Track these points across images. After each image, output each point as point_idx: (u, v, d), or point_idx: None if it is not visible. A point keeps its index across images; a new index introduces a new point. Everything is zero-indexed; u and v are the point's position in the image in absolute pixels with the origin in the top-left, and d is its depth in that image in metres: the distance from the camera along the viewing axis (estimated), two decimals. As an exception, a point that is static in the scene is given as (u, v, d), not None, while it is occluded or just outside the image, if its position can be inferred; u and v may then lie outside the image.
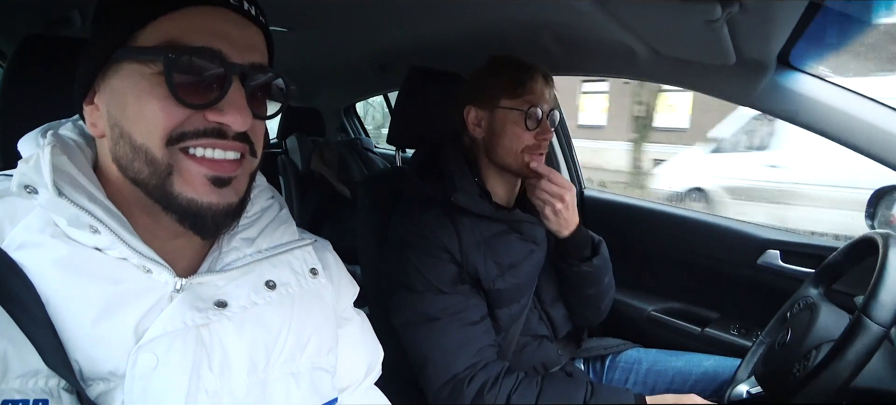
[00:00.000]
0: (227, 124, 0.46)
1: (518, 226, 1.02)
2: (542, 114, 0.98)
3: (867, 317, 0.62)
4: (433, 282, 0.94)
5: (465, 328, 0.93)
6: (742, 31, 0.80)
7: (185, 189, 0.46)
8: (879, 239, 0.71)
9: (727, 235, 1.33)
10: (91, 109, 0.49)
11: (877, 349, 0.61)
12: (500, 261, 0.98)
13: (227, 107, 0.46)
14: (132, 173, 0.46)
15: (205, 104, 0.45)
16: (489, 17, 1.14)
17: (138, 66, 0.45)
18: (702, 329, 1.31)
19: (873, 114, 0.92)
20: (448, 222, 0.96)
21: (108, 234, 0.45)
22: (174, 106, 0.44)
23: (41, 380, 0.40)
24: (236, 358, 0.49)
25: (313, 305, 0.58)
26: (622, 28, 0.95)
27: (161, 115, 0.44)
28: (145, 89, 0.44)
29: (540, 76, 1.00)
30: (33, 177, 0.45)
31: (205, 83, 0.45)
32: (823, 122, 0.95)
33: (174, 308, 0.46)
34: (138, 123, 0.45)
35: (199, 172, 0.46)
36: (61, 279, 0.43)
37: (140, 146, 0.45)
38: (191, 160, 0.46)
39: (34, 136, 0.49)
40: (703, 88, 1.13)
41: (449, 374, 0.91)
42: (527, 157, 0.99)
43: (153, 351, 0.45)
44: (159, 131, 0.44)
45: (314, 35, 1.53)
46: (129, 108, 0.45)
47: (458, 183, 0.99)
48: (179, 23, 0.45)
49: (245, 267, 0.53)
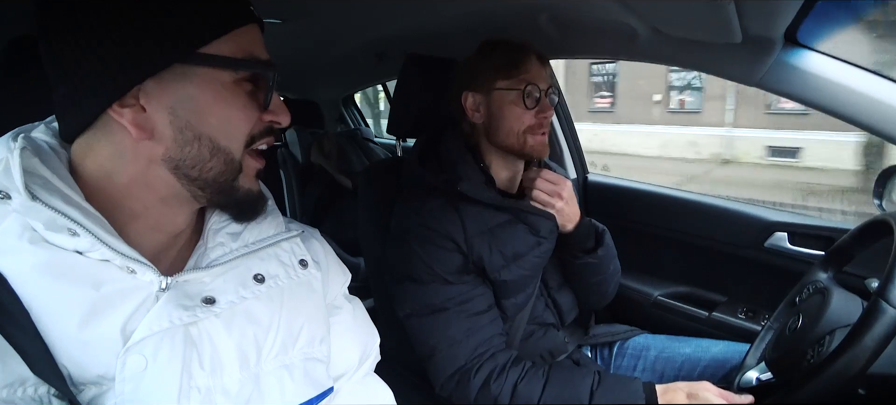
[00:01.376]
0: (278, 122, 0.53)
1: (524, 218, 1.01)
2: (541, 92, 0.97)
3: (885, 301, 0.61)
4: (438, 272, 0.93)
5: (471, 318, 0.93)
6: (748, 7, 0.77)
7: (245, 182, 0.52)
8: (893, 221, 0.69)
9: (733, 218, 1.31)
10: (133, 111, 0.46)
11: (894, 334, 0.60)
12: (504, 252, 0.97)
13: (277, 108, 0.53)
14: (198, 172, 0.49)
15: (262, 107, 0.52)
16: (485, 2, 1.12)
17: (216, 73, 0.48)
18: (709, 313, 1.30)
19: (883, 91, 0.89)
20: (452, 211, 0.95)
21: (88, 237, 0.44)
22: (252, 111, 0.51)
23: (29, 388, 0.40)
24: (227, 354, 0.50)
25: (304, 296, 0.58)
26: (622, 8, 0.92)
27: (244, 122, 0.51)
28: (230, 97, 0.49)
29: (534, 55, 0.99)
30: (4, 181, 0.44)
31: (262, 89, 0.51)
32: (833, 101, 0.93)
33: (160, 307, 0.46)
34: (223, 128, 0.49)
35: (254, 167, 0.53)
36: (43, 285, 0.43)
37: (223, 148, 0.49)
38: (252, 158, 0.53)
39: (5, 140, 0.48)
40: (708, 68, 1.10)
41: (456, 365, 0.91)
42: (529, 138, 0.98)
43: (141, 352, 0.45)
44: (242, 135, 0.51)
45: (308, 26, 1.51)
46: (211, 113, 0.48)
47: (461, 171, 0.98)
48: (247, 37, 0.50)
49: (231, 261, 0.53)
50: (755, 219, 1.26)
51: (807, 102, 0.97)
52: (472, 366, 0.91)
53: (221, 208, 0.54)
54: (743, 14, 0.80)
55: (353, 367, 0.67)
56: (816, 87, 0.94)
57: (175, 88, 0.47)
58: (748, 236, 1.26)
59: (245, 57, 0.49)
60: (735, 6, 0.74)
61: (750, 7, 0.77)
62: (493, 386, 0.89)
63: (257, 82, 0.51)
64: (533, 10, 1.10)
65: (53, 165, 0.46)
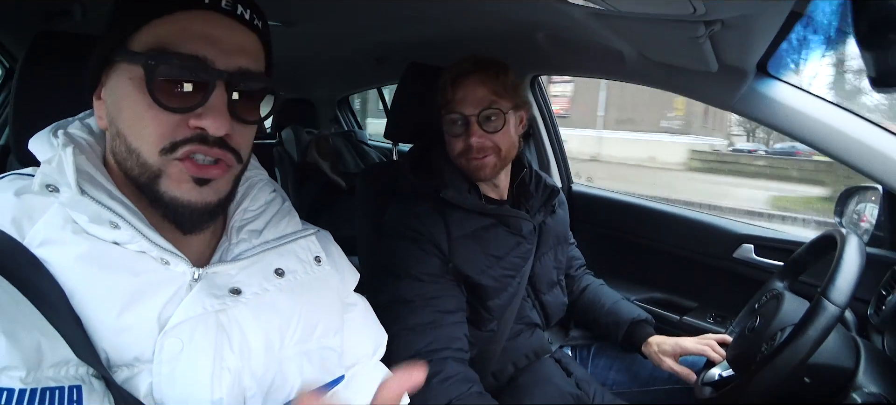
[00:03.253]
0: (204, 128, 0.47)
1: (505, 221, 1.06)
2: (464, 118, 0.99)
3: (826, 299, 0.70)
4: (413, 270, 0.96)
5: (435, 313, 0.94)
6: (723, 43, 0.85)
7: (170, 188, 0.48)
8: (837, 235, 0.79)
9: (706, 230, 1.41)
10: (99, 104, 0.52)
11: (833, 327, 0.69)
12: (487, 253, 1.02)
13: (207, 112, 0.47)
14: (125, 169, 0.50)
15: (185, 109, 0.47)
16: (485, 16, 1.18)
17: (129, 68, 0.47)
18: (680, 317, 1.39)
19: (843, 121, 0.98)
20: (438, 216, 1.00)
21: (128, 229, 0.47)
22: (159, 111, 0.46)
23: (72, 368, 0.42)
24: (254, 339, 0.52)
25: (320, 291, 0.61)
26: (613, 34, 1.00)
27: (152, 123, 0.47)
28: (134, 92, 0.47)
29: (463, 80, 1.00)
30: (56, 176, 0.47)
31: (186, 89, 0.47)
32: (798, 128, 1.02)
33: (194, 295, 0.49)
34: (132, 127, 0.48)
35: (184, 172, 0.48)
36: (85, 273, 0.45)
37: (134, 149, 0.48)
38: (178, 162, 0.48)
39: (46, 135, 0.50)
40: (687, 92, 1.19)
41: (410, 352, 0.90)
42: (465, 162, 1.02)
43: (178, 336, 0.47)
44: (153, 139, 0.47)
45: (309, 29, 1.53)
46: (123, 109, 0.48)
47: (447, 178, 1.03)
48: (169, 27, 0.47)
49: (254, 256, 0.56)
50: (725, 231, 1.36)
51: (775, 128, 1.06)
52: (423, 359, 0.88)
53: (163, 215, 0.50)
54: (717, 46, 0.88)
55: (368, 357, 0.71)
56: (783, 114, 1.03)
57: (110, 82, 0.49)
58: (719, 247, 1.36)
59: (157, 48, 0.46)
60: (711, 41, 0.83)
61: (725, 42, 0.85)
62: (432, 386, 0.88)
63: (183, 80, 0.46)
64: (531, 28, 1.17)
65: (94, 161, 0.50)
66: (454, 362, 0.92)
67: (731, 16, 0.70)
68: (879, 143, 0.96)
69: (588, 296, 1.26)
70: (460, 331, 0.97)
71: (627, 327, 1.14)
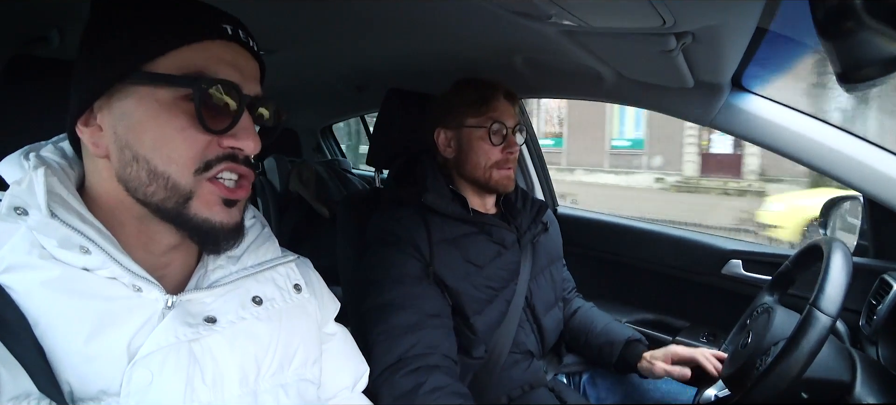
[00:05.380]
0: (240, 149, 0.50)
1: (487, 230, 1.05)
2: (507, 129, 1.04)
3: (817, 309, 0.69)
4: (393, 273, 0.94)
5: (419, 315, 0.90)
6: (697, 57, 0.86)
7: (201, 210, 0.49)
8: (823, 244, 0.78)
9: (693, 247, 1.40)
10: (92, 130, 0.49)
11: (827, 337, 0.67)
12: (468, 261, 1.00)
13: (240, 133, 0.49)
14: (142, 195, 0.48)
15: (221, 130, 0.48)
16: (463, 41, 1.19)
17: (156, 92, 0.46)
18: (673, 337, 1.37)
19: (821, 132, 1.00)
20: (419, 220, 0.99)
21: (100, 254, 0.45)
22: (196, 133, 0.47)
23: (33, 401, 0.40)
24: (228, 370, 0.51)
25: (298, 319, 0.60)
26: (589, 54, 1.00)
27: (183, 145, 0.47)
28: (161, 114, 0.47)
29: (502, 93, 1.06)
30: (26, 198, 0.45)
31: (222, 112, 0.48)
32: (776, 140, 1.03)
33: (167, 324, 0.48)
34: (159, 150, 0.47)
35: (216, 194, 0.49)
36: (51, 300, 0.44)
37: (161, 172, 0.47)
38: (211, 184, 0.49)
39: (16, 158, 0.49)
40: (666, 109, 1.20)
41: (393, 357, 0.86)
42: (495, 172, 1.04)
43: (148, 366, 0.46)
44: (185, 160, 0.47)
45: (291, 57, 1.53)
46: (146, 133, 0.47)
47: (430, 185, 1.03)
48: (200, 54, 0.48)
49: (231, 283, 0.55)
50: (713, 248, 1.35)
51: (754, 142, 1.07)
52: (404, 366, 0.84)
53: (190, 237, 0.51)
54: (692, 63, 0.89)
55: (347, 389, 0.68)
56: (761, 128, 1.04)
57: (118, 107, 0.47)
58: (707, 264, 1.35)
59: (191, 74, 0.47)
60: (685, 57, 0.84)
61: (698, 57, 0.86)
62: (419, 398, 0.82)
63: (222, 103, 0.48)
64: (508, 52, 1.18)
65: (66, 184, 0.48)
66: (441, 373, 0.86)
67: (699, 27, 0.71)
68: (858, 153, 0.97)
69: (579, 319, 1.23)
70: (446, 336, 0.92)
71: (621, 348, 1.11)
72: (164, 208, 0.48)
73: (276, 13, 0.95)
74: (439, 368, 0.87)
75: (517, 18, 0.80)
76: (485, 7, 0.78)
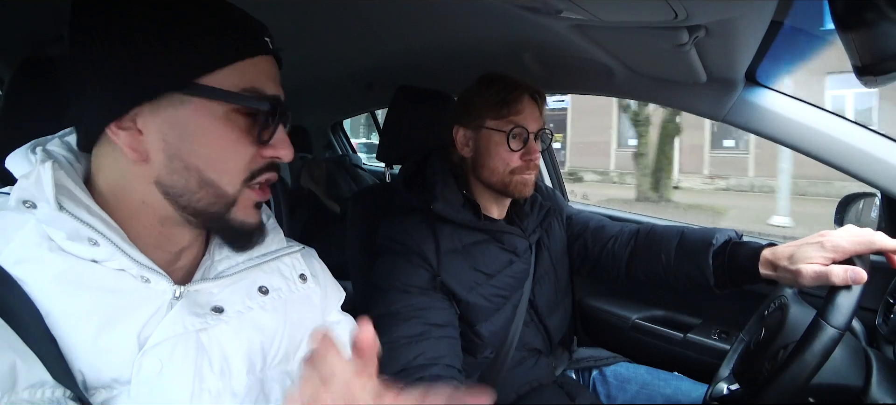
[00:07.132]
0: (279, 157, 0.53)
1: (499, 237, 1.03)
2: (528, 134, 0.98)
3: (824, 321, 0.67)
4: (399, 282, 0.93)
5: (424, 325, 0.90)
6: (710, 52, 0.85)
7: (239, 214, 0.52)
8: None
9: None
10: (130, 133, 0.48)
11: (832, 350, 0.66)
12: (477, 269, 0.99)
13: (280, 144, 0.53)
14: (186, 201, 0.50)
15: (264, 142, 0.51)
16: (472, 37, 1.18)
17: (211, 104, 0.48)
18: (684, 335, 1.35)
19: (838, 128, 0.98)
20: (427, 229, 0.97)
21: (108, 246, 0.46)
22: (247, 145, 0.50)
23: (48, 390, 0.41)
24: (235, 359, 0.52)
25: (304, 309, 0.61)
26: (599, 49, 0.99)
27: (236, 156, 0.50)
28: (217, 127, 0.49)
29: (526, 95, 0.99)
30: (34, 191, 0.46)
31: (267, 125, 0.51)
32: (791, 136, 1.01)
33: (175, 314, 0.49)
34: (213, 160, 0.49)
35: (252, 200, 0.53)
36: (62, 293, 0.45)
37: (212, 181, 0.49)
38: (252, 191, 0.52)
39: (24, 152, 0.50)
40: (678, 104, 1.18)
41: (397, 366, 0.85)
42: (514, 178, 0.99)
43: (157, 356, 0.47)
44: (237, 171, 0.50)
45: (300, 55, 1.54)
46: (202, 144, 0.48)
47: (439, 192, 1.00)
48: (253, 69, 0.50)
49: (237, 274, 0.56)
50: None
51: (768, 137, 1.05)
52: (407, 377, 0.84)
53: (215, 233, 0.55)
54: (705, 57, 0.88)
55: None
56: (775, 123, 1.02)
57: (169, 116, 0.47)
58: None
59: (245, 90, 0.49)
60: (697, 51, 0.82)
61: (711, 51, 0.85)
62: None
63: (256, 116, 0.50)
64: (517, 48, 1.17)
65: (73, 178, 0.49)
66: (445, 383, 0.85)
67: (712, 21, 0.69)
68: (876, 149, 0.94)
69: (642, 242, 1.10)
70: (451, 347, 0.91)
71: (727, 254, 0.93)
72: (207, 213, 0.50)
73: (286, 11, 0.95)
74: (442, 379, 0.86)
75: (526, 14, 0.79)
76: (493, 3, 0.78)
